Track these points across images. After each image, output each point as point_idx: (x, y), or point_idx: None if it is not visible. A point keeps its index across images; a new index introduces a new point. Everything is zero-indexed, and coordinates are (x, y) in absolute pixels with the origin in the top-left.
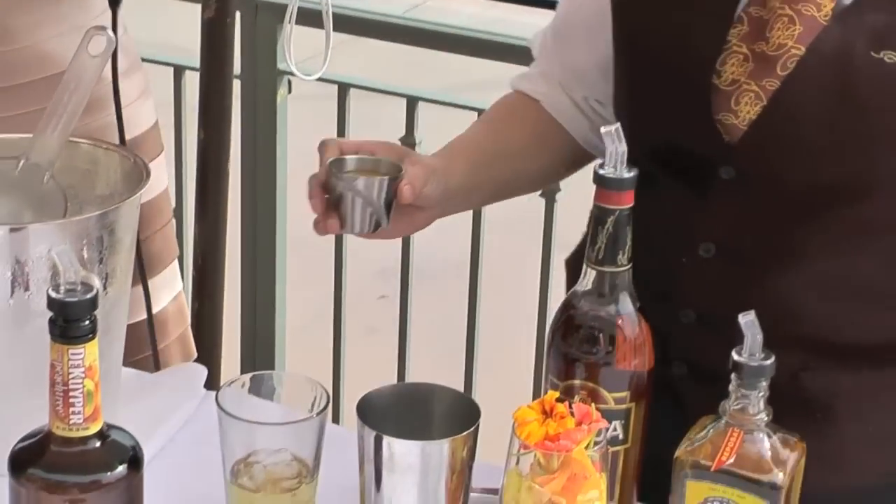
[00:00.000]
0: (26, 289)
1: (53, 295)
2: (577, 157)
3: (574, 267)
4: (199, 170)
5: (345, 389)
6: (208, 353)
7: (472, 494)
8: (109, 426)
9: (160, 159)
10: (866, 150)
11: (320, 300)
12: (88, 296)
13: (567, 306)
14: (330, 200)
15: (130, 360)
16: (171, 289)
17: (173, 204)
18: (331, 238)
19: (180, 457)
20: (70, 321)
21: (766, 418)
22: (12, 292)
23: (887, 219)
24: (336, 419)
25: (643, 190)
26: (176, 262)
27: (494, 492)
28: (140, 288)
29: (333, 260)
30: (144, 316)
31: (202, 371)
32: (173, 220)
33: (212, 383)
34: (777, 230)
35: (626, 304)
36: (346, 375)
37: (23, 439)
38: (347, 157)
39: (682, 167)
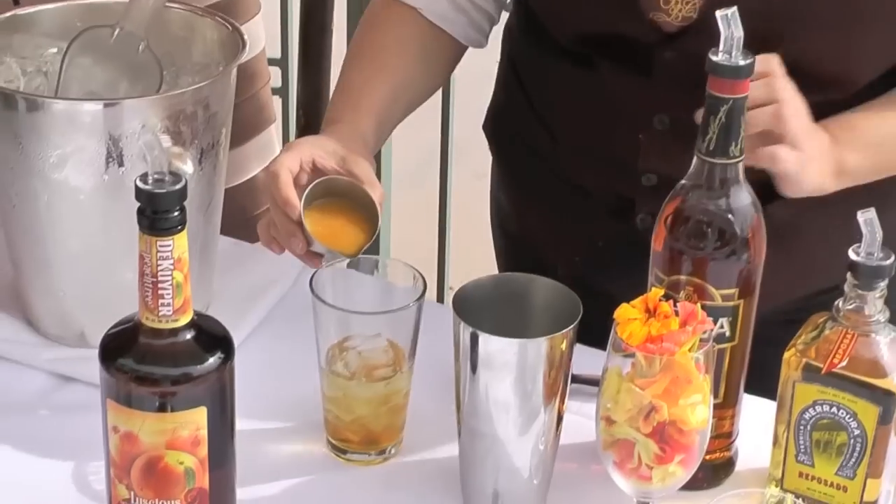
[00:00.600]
0: (120, 164)
1: (141, 186)
2: (459, 54)
3: (492, 131)
4: (303, 26)
5: (451, 269)
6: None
7: (570, 386)
8: (200, 315)
9: (257, 19)
10: (797, 34)
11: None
12: (177, 187)
13: (674, 199)
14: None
15: (225, 227)
16: (264, 157)
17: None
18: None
19: (274, 335)
20: (158, 213)
21: (882, 320)
22: (107, 167)
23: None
24: (440, 298)
25: (585, 70)
26: (272, 129)
27: (595, 382)
28: (233, 153)
29: (440, 117)
30: (238, 181)
31: None
32: (269, 85)
33: None
34: None
35: (738, 198)
36: (451, 249)
37: (113, 327)
38: (310, 187)
39: (620, 53)
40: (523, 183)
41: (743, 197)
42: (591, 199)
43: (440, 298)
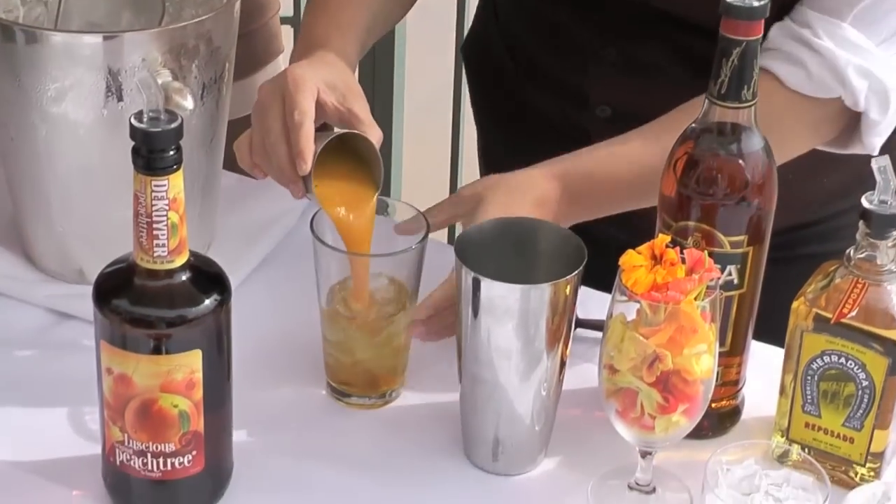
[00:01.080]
0: (119, 99)
1: (136, 124)
2: None
3: (467, 54)
4: None
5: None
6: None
7: (575, 331)
8: (196, 256)
9: None
10: None
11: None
12: (172, 125)
13: (684, 142)
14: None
15: (229, 161)
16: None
17: None
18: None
19: (275, 276)
20: (153, 152)
21: (894, 269)
22: (106, 102)
23: None
24: (452, 237)
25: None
26: (280, 60)
27: (600, 326)
28: (241, 84)
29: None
30: (245, 113)
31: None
32: (278, 14)
33: None
34: None
35: (750, 143)
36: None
37: (108, 266)
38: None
39: None
40: (491, 109)
41: (754, 142)
42: (550, 129)
43: (451, 237)
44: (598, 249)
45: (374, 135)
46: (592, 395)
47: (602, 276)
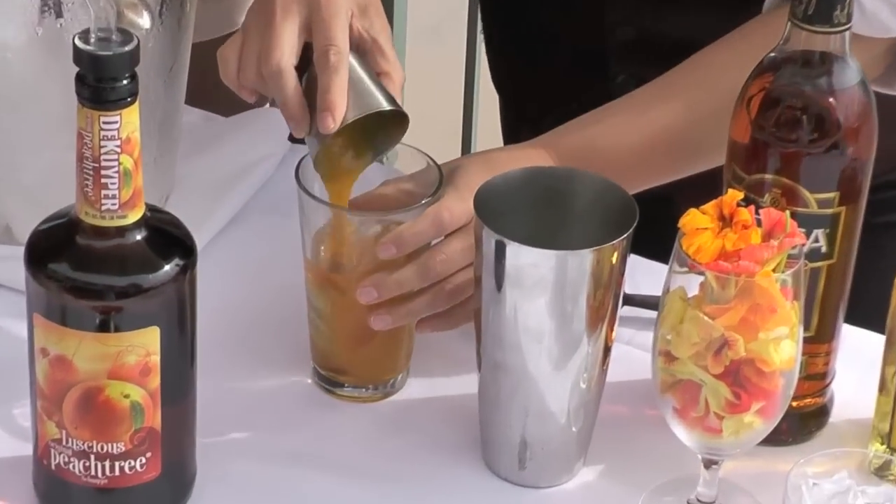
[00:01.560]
0: (58, 15)
1: (81, 46)
2: None
3: None
4: None
5: (478, 137)
6: None
7: (622, 309)
8: (154, 211)
9: None
10: None
11: None
12: (126, 48)
13: (761, 75)
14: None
15: (194, 95)
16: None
17: None
18: None
19: (249, 236)
20: (102, 80)
21: None
22: (41, 19)
23: None
24: None
25: None
26: None
27: (654, 304)
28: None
29: None
30: (217, 34)
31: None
32: None
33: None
34: None
35: (843, 77)
36: (479, 125)
37: (44, 223)
38: None
39: None
40: (502, 26)
41: (849, 76)
42: (560, 49)
43: None
44: (650, 208)
45: (397, 77)
46: (644, 388)
47: (655, 240)
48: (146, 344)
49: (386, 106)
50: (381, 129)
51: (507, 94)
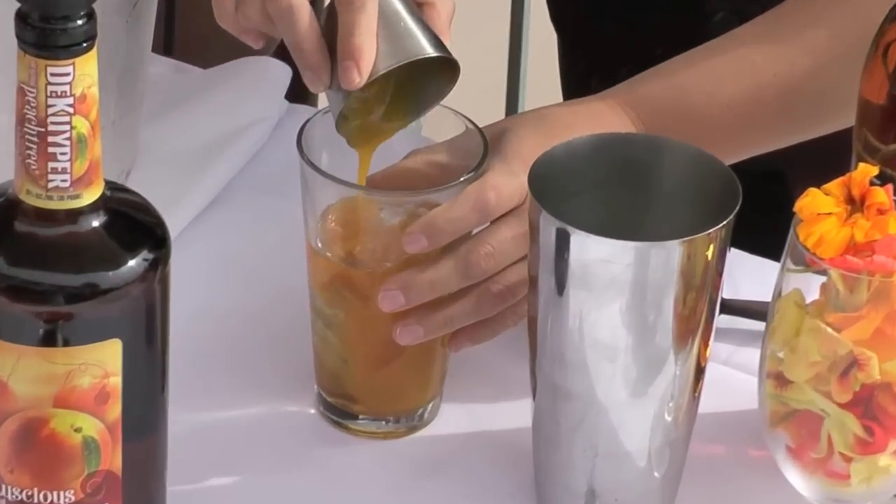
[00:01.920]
0: None
1: None
2: None
3: None
4: None
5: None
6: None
7: (718, 319)
8: (116, 189)
9: None
10: None
11: None
12: None
13: None
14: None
15: (184, 52)
16: None
17: None
18: None
19: (236, 222)
20: (51, 20)
21: None
22: None
23: None
24: None
25: None
26: None
27: (759, 313)
28: None
29: None
30: None
31: (283, 72)
32: None
33: (302, 94)
34: None
35: None
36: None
37: None
38: None
39: None
40: None
41: None
42: None
43: None
44: (756, 187)
45: (444, 7)
46: (747, 422)
47: (763, 230)
48: (104, 362)
49: (430, 52)
50: (422, 80)
51: (568, 35)
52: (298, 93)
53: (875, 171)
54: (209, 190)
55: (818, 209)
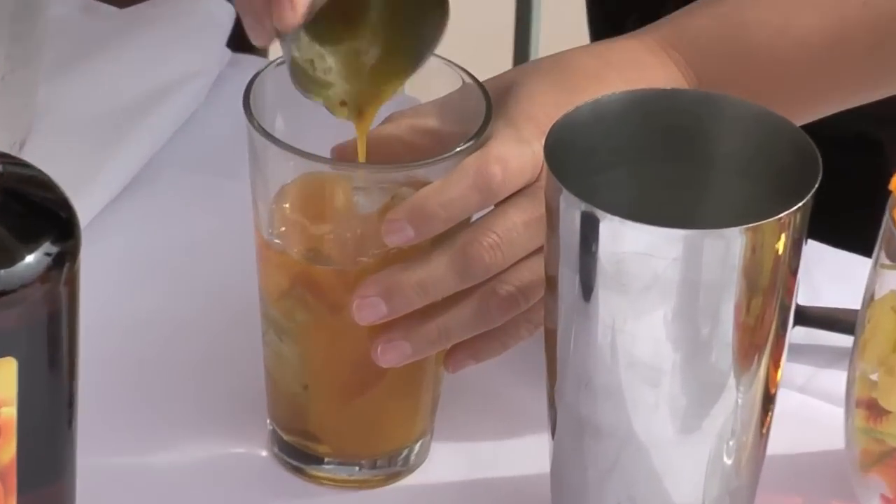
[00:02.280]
0: None
1: None
2: None
3: None
4: None
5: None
6: None
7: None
8: (10, 164)
9: None
10: None
11: None
12: None
13: None
14: None
15: None
16: None
17: None
18: None
19: (164, 205)
20: None
21: None
22: None
23: None
24: None
25: None
26: None
27: (844, 325)
28: None
29: None
30: None
31: (224, 12)
32: None
33: (248, 42)
34: None
35: None
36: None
37: None
38: None
39: None
40: None
41: None
42: None
43: None
44: (840, 158)
45: None
46: (830, 464)
47: (848, 216)
48: None
49: None
50: (402, 21)
51: None
52: (244, 40)
53: None
54: (128, 166)
55: None
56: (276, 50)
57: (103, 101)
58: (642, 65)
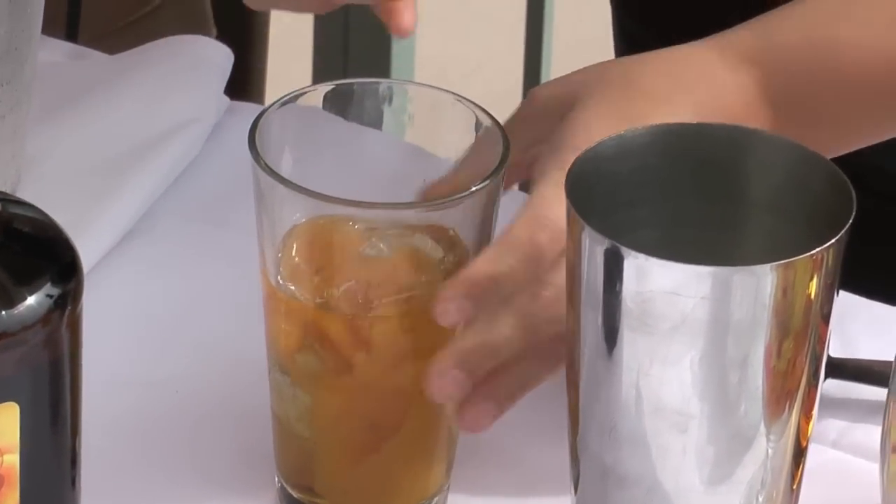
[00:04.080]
0: None
1: None
2: None
3: None
4: None
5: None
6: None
7: (825, 383)
8: (8, 203)
9: None
10: None
11: None
12: None
13: None
14: None
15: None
16: None
17: None
18: None
19: (167, 251)
20: None
21: None
22: None
23: None
24: None
25: None
26: None
27: (879, 376)
28: None
29: None
30: None
31: (223, 56)
32: None
33: (246, 89)
34: None
35: None
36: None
37: None
38: None
39: None
40: None
41: None
42: None
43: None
44: (873, 206)
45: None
46: None
47: (882, 266)
48: None
49: None
50: None
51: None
52: (243, 85)
53: None
54: (123, 216)
55: None
56: (274, 96)
57: (96, 150)
58: (717, 83)
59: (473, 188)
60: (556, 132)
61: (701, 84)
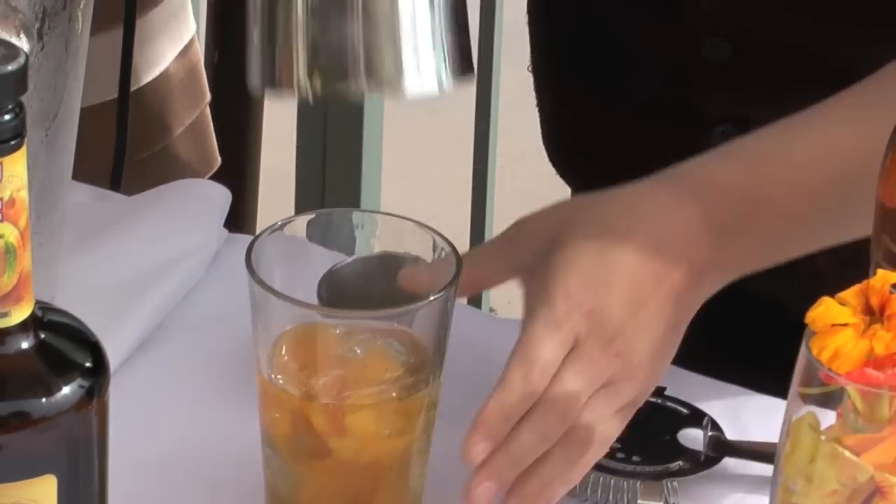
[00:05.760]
0: None
1: None
2: None
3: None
4: None
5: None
6: (237, 156)
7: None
8: (47, 310)
9: None
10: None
11: None
12: (10, 67)
13: None
14: None
15: (99, 170)
16: (178, 36)
17: None
18: None
19: (177, 351)
20: None
21: None
22: None
23: None
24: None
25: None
26: None
27: (771, 456)
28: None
29: None
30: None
31: (221, 195)
32: None
33: (242, 221)
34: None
35: None
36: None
37: None
38: None
39: None
40: (563, 75)
41: None
42: (644, 83)
43: (474, 299)
44: (750, 311)
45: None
46: None
47: (766, 365)
48: (37, 501)
49: None
50: None
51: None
52: (239, 220)
53: (895, 278)
54: (141, 327)
55: (833, 320)
56: (265, 224)
57: (118, 274)
58: (670, 219)
59: (431, 297)
60: (543, 272)
61: (657, 218)
